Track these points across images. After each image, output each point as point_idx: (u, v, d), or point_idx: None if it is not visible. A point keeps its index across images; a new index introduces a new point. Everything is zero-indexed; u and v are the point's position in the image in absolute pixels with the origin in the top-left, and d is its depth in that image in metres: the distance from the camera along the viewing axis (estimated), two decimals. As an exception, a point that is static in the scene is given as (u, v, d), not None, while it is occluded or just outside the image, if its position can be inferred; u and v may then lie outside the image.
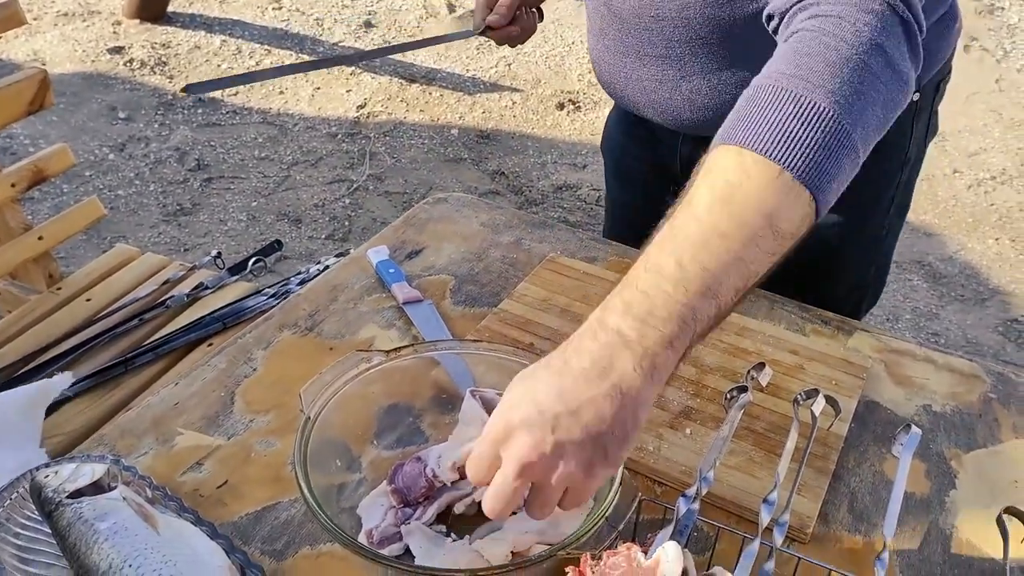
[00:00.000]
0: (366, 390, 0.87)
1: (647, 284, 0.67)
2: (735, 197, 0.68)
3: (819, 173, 0.69)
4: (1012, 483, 0.91)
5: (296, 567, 0.79)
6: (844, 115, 0.70)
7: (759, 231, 0.68)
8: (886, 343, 1.10)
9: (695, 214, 0.69)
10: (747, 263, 0.68)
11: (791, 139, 0.69)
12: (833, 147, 0.70)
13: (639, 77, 1.14)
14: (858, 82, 0.72)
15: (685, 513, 0.75)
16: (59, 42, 4.01)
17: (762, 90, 0.73)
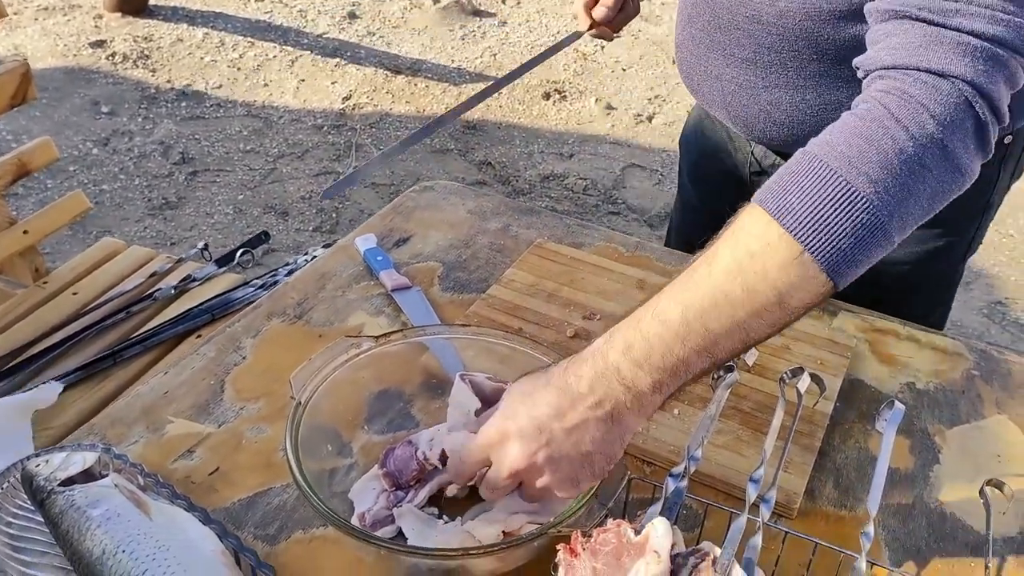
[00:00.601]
0: (356, 376, 0.88)
1: (650, 330, 0.71)
2: (752, 268, 0.69)
3: (842, 260, 0.68)
4: (995, 457, 0.93)
5: (289, 551, 0.80)
6: (883, 208, 0.68)
7: (768, 305, 0.69)
8: (870, 323, 1.11)
9: (712, 273, 0.70)
10: (749, 331, 0.71)
11: (822, 223, 0.68)
12: (864, 237, 0.68)
13: (720, 76, 1.10)
14: (907, 175, 0.69)
15: (674, 491, 0.76)
16: (40, 36, 3.98)
17: (810, 160, 0.70)
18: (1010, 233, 3.10)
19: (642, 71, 4.07)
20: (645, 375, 0.70)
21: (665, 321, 0.70)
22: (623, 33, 4.55)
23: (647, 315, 0.72)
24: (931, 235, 1.13)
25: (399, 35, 4.26)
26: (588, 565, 0.68)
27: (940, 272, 1.19)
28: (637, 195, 3.24)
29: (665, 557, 0.67)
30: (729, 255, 0.70)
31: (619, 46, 4.24)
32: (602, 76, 4.00)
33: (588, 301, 1.11)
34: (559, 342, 1.03)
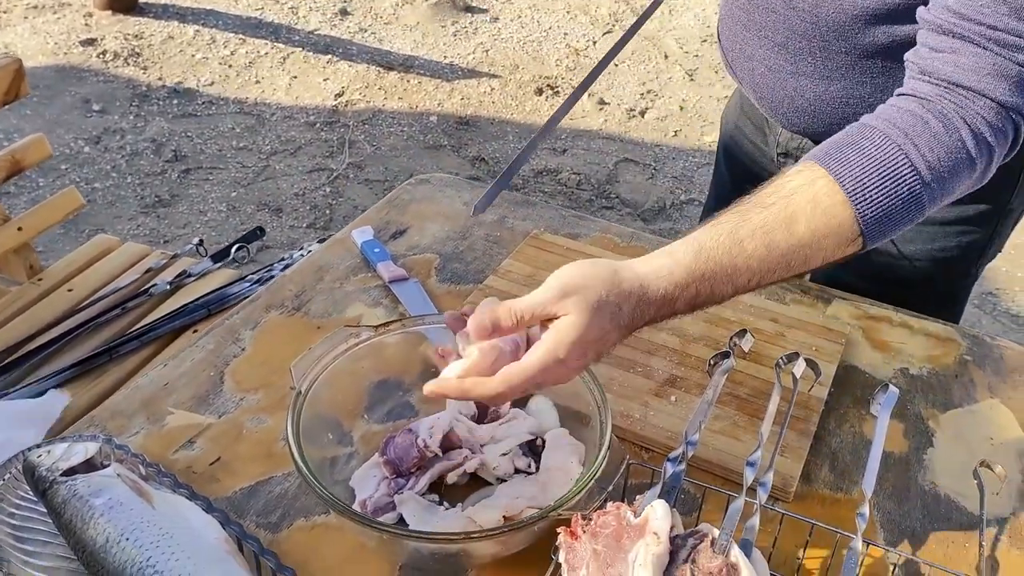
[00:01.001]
0: (356, 366, 0.88)
1: (722, 290, 0.78)
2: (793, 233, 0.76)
3: (881, 226, 0.77)
4: (987, 440, 0.94)
5: (291, 539, 0.80)
6: (928, 192, 0.77)
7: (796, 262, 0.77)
8: (864, 310, 1.12)
9: (756, 221, 0.77)
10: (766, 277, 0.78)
11: (878, 190, 0.76)
12: (905, 212, 0.77)
13: (752, 56, 1.12)
14: (957, 170, 0.78)
15: (672, 475, 0.77)
16: (30, 35, 3.96)
17: (875, 134, 0.78)
18: (1000, 224, 3.12)
19: (634, 66, 4.07)
20: (681, 306, 0.77)
21: (734, 281, 0.77)
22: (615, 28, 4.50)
23: (722, 274, 0.77)
24: (949, 232, 1.14)
25: (391, 31, 4.26)
26: (588, 547, 0.69)
27: (956, 272, 1.20)
28: (630, 189, 3.25)
29: (664, 538, 0.67)
30: (806, 227, 0.76)
31: (611, 42, 4.24)
32: (594, 71, 4.01)
33: (584, 291, 1.11)
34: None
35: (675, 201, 3.19)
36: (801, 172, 0.79)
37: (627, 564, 0.67)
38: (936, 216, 1.09)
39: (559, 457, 0.84)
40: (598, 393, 0.82)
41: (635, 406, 0.94)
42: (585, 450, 0.84)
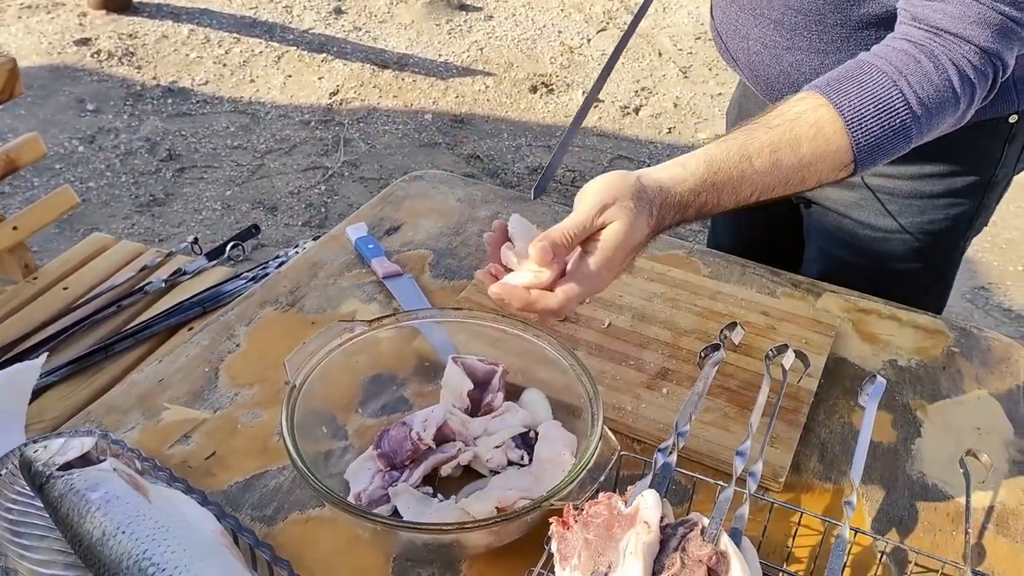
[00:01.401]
0: (350, 360, 0.89)
1: (727, 201, 0.85)
2: (818, 164, 0.85)
3: (872, 154, 0.85)
4: (975, 430, 0.95)
5: (286, 531, 0.81)
6: (916, 124, 0.85)
7: (794, 181, 0.86)
8: (854, 303, 1.13)
9: (764, 140, 0.84)
10: (765, 192, 0.85)
11: (873, 120, 0.84)
12: (895, 141, 0.85)
13: (747, 35, 1.14)
14: (943, 106, 0.86)
15: (662, 465, 0.78)
16: (24, 35, 3.96)
17: (872, 70, 0.86)
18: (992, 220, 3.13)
19: (628, 64, 4.08)
20: (667, 217, 0.84)
21: (737, 194, 0.85)
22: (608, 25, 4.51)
23: (727, 188, 0.84)
24: (938, 205, 1.17)
25: (385, 30, 4.26)
26: (580, 537, 0.70)
27: (946, 244, 1.22)
28: (624, 186, 3.26)
29: (655, 527, 0.68)
30: (809, 148, 0.84)
31: (605, 39, 4.25)
32: (588, 69, 4.02)
33: (577, 285, 1.12)
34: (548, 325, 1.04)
35: (669, 198, 3.20)
36: (804, 100, 0.86)
37: (618, 553, 0.68)
38: (925, 190, 1.14)
39: (552, 449, 0.85)
40: (590, 385, 0.83)
41: (627, 399, 0.95)
42: (577, 442, 0.85)
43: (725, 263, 1.20)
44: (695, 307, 1.10)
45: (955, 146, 1.09)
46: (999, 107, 1.07)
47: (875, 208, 1.18)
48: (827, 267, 1.29)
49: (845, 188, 1.20)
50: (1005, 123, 1.11)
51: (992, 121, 1.09)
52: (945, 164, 1.13)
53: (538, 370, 0.91)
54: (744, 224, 1.47)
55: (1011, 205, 3.21)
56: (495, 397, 0.90)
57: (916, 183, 1.15)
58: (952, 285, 1.32)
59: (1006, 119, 1.10)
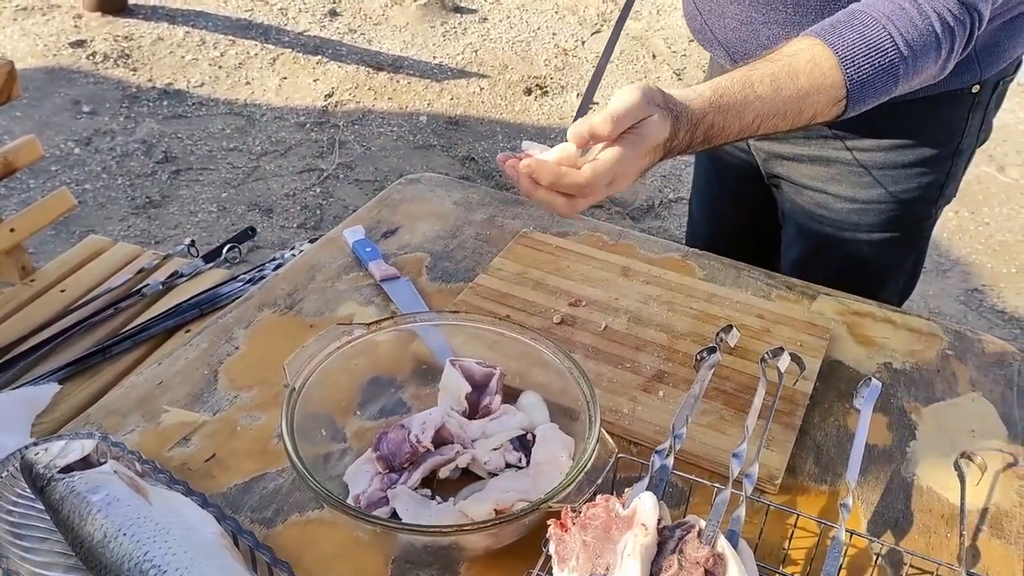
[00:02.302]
0: (348, 363, 0.90)
1: (733, 128, 0.92)
2: (796, 83, 0.92)
3: (863, 91, 0.93)
4: (969, 433, 0.96)
5: (286, 533, 0.81)
6: (903, 65, 0.93)
7: (792, 112, 0.93)
8: (848, 305, 1.14)
9: (765, 71, 0.92)
10: (767, 120, 0.93)
11: (865, 59, 0.92)
12: (884, 80, 0.94)
13: (723, 13, 1.18)
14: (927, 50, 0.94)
15: (659, 468, 0.79)
16: (19, 37, 3.95)
17: (863, 15, 0.94)
18: (986, 222, 3.16)
19: (622, 66, 4.09)
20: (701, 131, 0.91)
21: (741, 118, 0.92)
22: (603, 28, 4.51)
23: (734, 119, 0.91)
24: (910, 175, 1.22)
25: (380, 32, 4.26)
26: (578, 539, 0.70)
27: (918, 212, 1.27)
28: (620, 189, 3.27)
29: (652, 529, 0.69)
30: (786, 63, 0.93)
31: (599, 41, 4.27)
32: (583, 71, 4.03)
33: (574, 288, 1.13)
34: (545, 328, 1.05)
35: (663, 200, 3.21)
36: (800, 41, 0.95)
37: (616, 555, 0.69)
38: (898, 160, 1.21)
39: (549, 451, 0.85)
40: (587, 388, 0.84)
41: (623, 401, 0.96)
42: (574, 444, 0.85)
43: (720, 266, 1.21)
44: (691, 310, 1.10)
45: (924, 116, 1.17)
46: (963, 78, 1.13)
47: (851, 180, 1.23)
48: (807, 245, 1.32)
49: (820, 164, 1.24)
50: (969, 93, 1.17)
51: (957, 92, 1.16)
52: (915, 135, 1.19)
53: (535, 373, 0.92)
54: (721, 218, 1.50)
55: (1004, 208, 3.23)
56: (493, 400, 0.91)
57: (889, 154, 1.20)
58: (924, 258, 1.37)
59: (969, 89, 1.16)
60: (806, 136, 1.23)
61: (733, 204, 1.47)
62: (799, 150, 1.25)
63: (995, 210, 3.20)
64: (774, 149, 1.29)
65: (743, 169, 1.39)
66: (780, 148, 1.28)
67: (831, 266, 1.27)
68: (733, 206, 1.47)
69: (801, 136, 1.24)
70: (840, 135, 1.21)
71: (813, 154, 1.24)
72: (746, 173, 1.38)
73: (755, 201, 1.42)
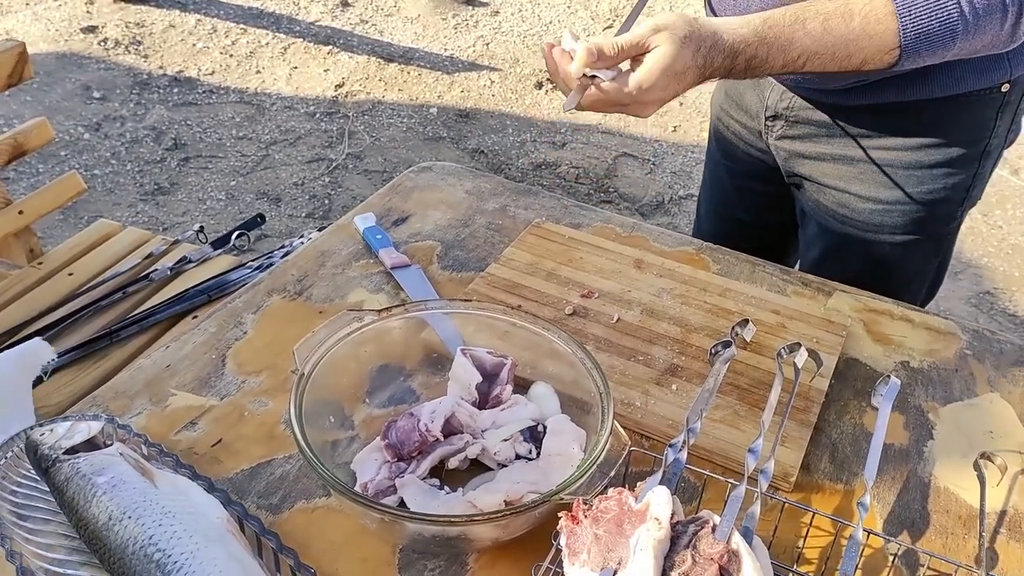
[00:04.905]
0: (358, 350, 0.89)
1: (776, 62, 0.94)
2: (848, 25, 0.93)
3: (917, 43, 0.92)
4: (987, 433, 0.94)
5: (292, 520, 0.80)
6: (963, 22, 0.91)
7: (840, 54, 0.93)
8: (865, 303, 1.12)
9: (820, 8, 0.93)
10: (812, 59, 0.93)
11: (922, 9, 0.91)
12: (940, 36, 0.92)
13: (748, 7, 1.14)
14: (991, 11, 0.92)
15: (673, 462, 0.77)
16: (31, 21, 3.95)
17: None
18: (999, 224, 3.13)
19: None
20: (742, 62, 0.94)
21: (788, 55, 0.94)
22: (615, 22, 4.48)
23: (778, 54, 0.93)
24: (936, 175, 1.19)
25: (392, 23, 4.25)
26: (590, 532, 0.69)
27: (943, 214, 1.24)
28: (629, 184, 3.25)
29: (666, 524, 0.68)
30: (860, 23, 0.93)
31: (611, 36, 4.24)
32: (595, 66, 4.01)
33: (586, 280, 1.12)
34: (557, 319, 1.04)
35: (673, 196, 3.20)
36: None
37: (628, 549, 0.67)
38: (924, 160, 1.18)
39: (560, 443, 0.84)
40: (600, 380, 0.82)
41: (636, 394, 0.95)
42: (586, 437, 0.84)
43: (735, 260, 1.19)
44: (705, 304, 1.09)
45: (952, 116, 1.14)
46: (993, 76, 1.11)
47: (875, 180, 1.21)
48: (827, 246, 1.30)
49: (844, 163, 1.22)
50: (998, 92, 1.14)
51: (986, 91, 1.13)
52: (943, 134, 1.16)
53: (547, 364, 0.90)
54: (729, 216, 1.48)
55: (1018, 211, 3.20)
56: (503, 390, 0.90)
57: (915, 154, 1.17)
58: (949, 262, 1.34)
59: (999, 88, 1.13)
60: (829, 135, 1.21)
61: (742, 203, 1.45)
62: (822, 149, 1.23)
63: (1008, 213, 3.18)
64: (796, 148, 1.26)
65: (756, 168, 1.37)
66: (803, 147, 1.25)
67: (852, 268, 1.24)
68: (742, 205, 1.45)
69: (824, 135, 1.21)
70: (866, 134, 1.19)
71: (837, 153, 1.22)
72: (759, 172, 1.37)
73: (765, 201, 1.40)
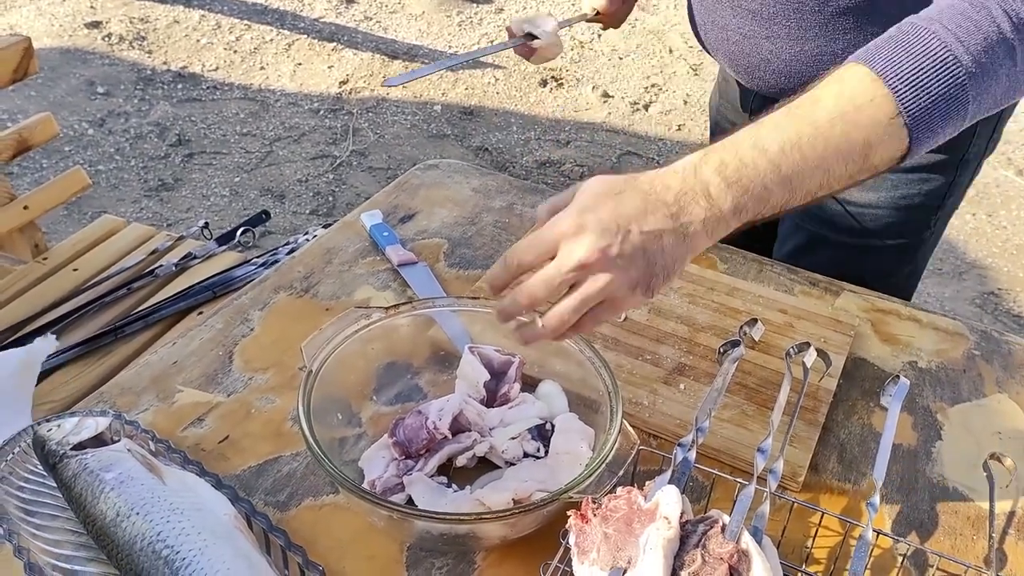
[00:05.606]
0: (365, 348, 0.88)
1: (747, 154, 0.73)
2: (854, 117, 0.74)
3: (926, 127, 0.74)
4: (995, 434, 0.94)
5: (299, 517, 0.80)
6: (973, 85, 0.74)
7: (855, 153, 0.75)
8: (872, 303, 1.12)
9: (815, 113, 0.75)
10: (830, 174, 0.75)
11: (922, 87, 0.74)
12: (951, 108, 0.75)
13: (726, 26, 1.15)
14: (999, 61, 0.75)
15: (682, 461, 0.77)
16: (35, 16, 3.95)
17: (915, 30, 0.76)
18: (1003, 225, 3.12)
19: (639, 60, 4.07)
20: (730, 195, 0.73)
21: (764, 148, 0.73)
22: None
23: (746, 141, 0.74)
24: (911, 180, 1.18)
25: (396, 20, 4.24)
26: (599, 531, 0.69)
27: (917, 221, 1.22)
28: (634, 183, 3.25)
29: (675, 523, 0.67)
30: (833, 102, 0.74)
31: (615, 35, 4.23)
32: (598, 64, 4.00)
33: (593, 278, 1.11)
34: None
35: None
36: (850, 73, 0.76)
37: (638, 548, 0.67)
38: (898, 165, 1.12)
39: (569, 441, 0.84)
40: (609, 379, 0.82)
41: (643, 393, 0.94)
42: (594, 435, 0.84)
43: (742, 260, 1.19)
44: (712, 303, 1.09)
45: None
46: None
47: None
48: (800, 241, 1.29)
49: None
50: None
51: None
52: None
53: (555, 362, 0.90)
54: None
55: (1022, 211, 3.19)
56: (511, 388, 0.89)
57: None
58: (923, 269, 1.33)
59: None
60: None
61: None
62: None
63: (1012, 213, 3.17)
64: None
65: None
66: None
67: (819, 268, 1.21)
68: None
69: None
70: None
71: None
72: None
73: None
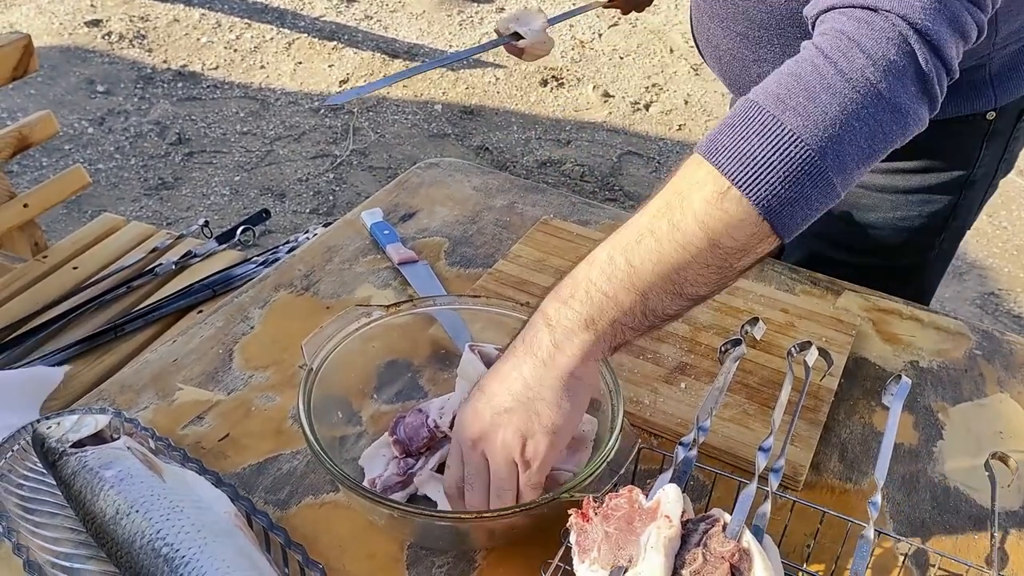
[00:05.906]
0: (366, 346, 0.88)
1: (577, 271, 0.72)
2: (680, 205, 0.69)
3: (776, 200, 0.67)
4: (997, 434, 0.94)
5: (299, 516, 0.80)
6: (814, 143, 0.67)
7: (699, 245, 0.68)
8: (874, 302, 1.12)
9: (641, 214, 0.71)
10: (682, 274, 0.69)
11: (750, 157, 0.67)
12: (799, 176, 0.67)
13: (718, 45, 1.14)
14: (838, 112, 0.67)
15: (683, 460, 0.77)
16: (35, 15, 3.94)
17: (744, 103, 0.71)
18: (1003, 225, 3.12)
19: (639, 59, 4.06)
20: (569, 310, 0.71)
21: (592, 260, 0.72)
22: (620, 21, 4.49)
23: (581, 262, 0.73)
24: (912, 201, 1.15)
25: (396, 19, 4.24)
26: (600, 529, 0.69)
27: (919, 243, 1.19)
28: (634, 182, 3.25)
29: (677, 521, 0.67)
30: (659, 196, 0.70)
31: (616, 34, 4.23)
32: (599, 64, 4.00)
33: (594, 277, 1.11)
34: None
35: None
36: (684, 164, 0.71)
37: (639, 547, 0.67)
38: (899, 184, 1.12)
39: (569, 440, 0.83)
40: (610, 377, 0.82)
41: (644, 392, 0.94)
42: (596, 431, 0.83)
43: (744, 259, 1.19)
44: (713, 302, 1.08)
45: (930, 141, 0.92)
46: (975, 103, 1.05)
47: (848, 201, 1.15)
48: (805, 255, 1.26)
49: None
50: (983, 119, 1.07)
51: (969, 117, 1.06)
52: (920, 159, 1.10)
53: (556, 361, 0.90)
54: None
55: (1023, 212, 3.19)
56: (512, 387, 0.89)
57: (889, 177, 1.13)
58: (930, 292, 1.27)
59: (983, 115, 1.07)
60: None
61: None
62: None
63: (1013, 214, 3.17)
64: None
65: None
66: None
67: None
68: None
69: None
70: None
71: None
72: None
73: None
